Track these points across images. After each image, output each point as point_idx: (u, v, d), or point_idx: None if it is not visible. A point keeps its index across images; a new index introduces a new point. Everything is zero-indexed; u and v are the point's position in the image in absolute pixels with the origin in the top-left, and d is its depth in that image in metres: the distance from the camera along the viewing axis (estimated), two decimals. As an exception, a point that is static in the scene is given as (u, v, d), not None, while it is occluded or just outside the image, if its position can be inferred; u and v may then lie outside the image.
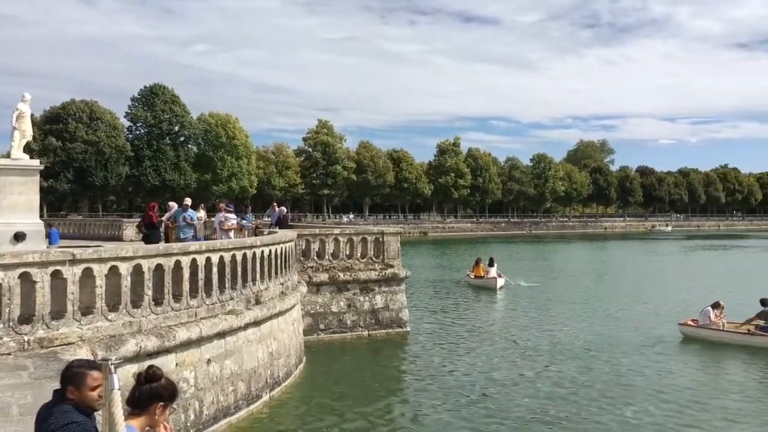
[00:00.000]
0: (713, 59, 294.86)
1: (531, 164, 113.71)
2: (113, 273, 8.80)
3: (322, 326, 18.02)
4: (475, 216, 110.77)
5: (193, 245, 11.17)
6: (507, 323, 21.19)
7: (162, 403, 3.48)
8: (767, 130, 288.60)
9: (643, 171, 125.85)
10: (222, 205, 17.78)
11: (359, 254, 19.30)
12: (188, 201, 16.90)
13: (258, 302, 12.30)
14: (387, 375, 14.79)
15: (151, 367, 3.58)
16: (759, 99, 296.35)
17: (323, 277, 18.17)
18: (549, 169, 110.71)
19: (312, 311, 17.92)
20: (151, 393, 3.46)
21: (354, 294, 18.55)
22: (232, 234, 16.57)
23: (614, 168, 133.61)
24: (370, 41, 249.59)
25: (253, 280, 12.29)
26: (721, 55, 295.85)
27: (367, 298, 18.68)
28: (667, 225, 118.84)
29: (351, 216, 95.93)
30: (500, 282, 29.95)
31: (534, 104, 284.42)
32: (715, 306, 18.28)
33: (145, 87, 77.97)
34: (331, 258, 18.79)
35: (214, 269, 10.73)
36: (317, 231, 19.60)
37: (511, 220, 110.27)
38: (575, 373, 14.50)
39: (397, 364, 15.90)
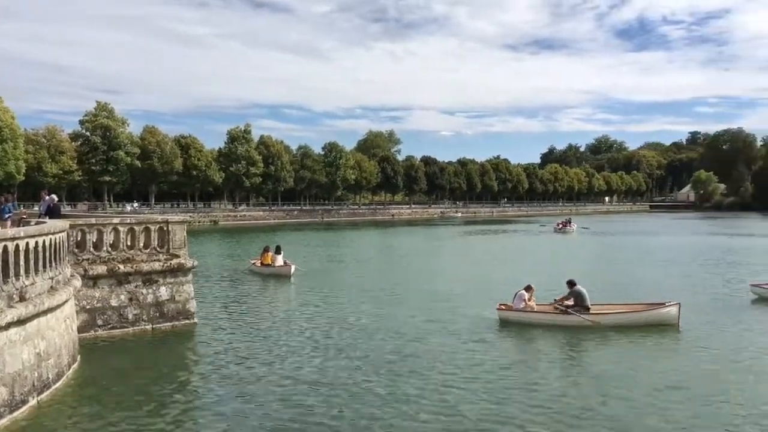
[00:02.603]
0: (487, 58, 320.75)
1: (323, 153, 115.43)
2: None
3: (100, 322, 16.87)
4: (268, 204, 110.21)
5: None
6: (299, 311, 21.24)
7: None
8: (533, 124, 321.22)
9: (427, 161, 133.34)
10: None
11: (142, 244, 18.34)
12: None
13: (22, 299, 11.19)
14: (171, 371, 14.07)
15: None
16: (525, 96, 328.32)
17: (101, 269, 16.99)
18: (340, 157, 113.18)
19: (89, 306, 16.70)
20: None
21: (136, 286, 17.58)
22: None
23: (401, 158, 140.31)
24: (157, 21, 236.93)
25: (16, 275, 11.16)
26: (493, 55, 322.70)
27: (150, 291, 17.81)
28: (456, 212, 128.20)
29: (135, 204, 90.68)
30: (292, 269, 30.12)
31: (326, 94, 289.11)
32: (528, 289, 19.41)
33: None
34: (110, 249, 17.64)
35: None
36: (94, 221, 18.24)
37: (304, 208, 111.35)
38: (380, 361, 14.74)
39: (182, 359, 15.28)
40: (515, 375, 13.58)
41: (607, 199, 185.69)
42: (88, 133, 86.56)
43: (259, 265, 31.74)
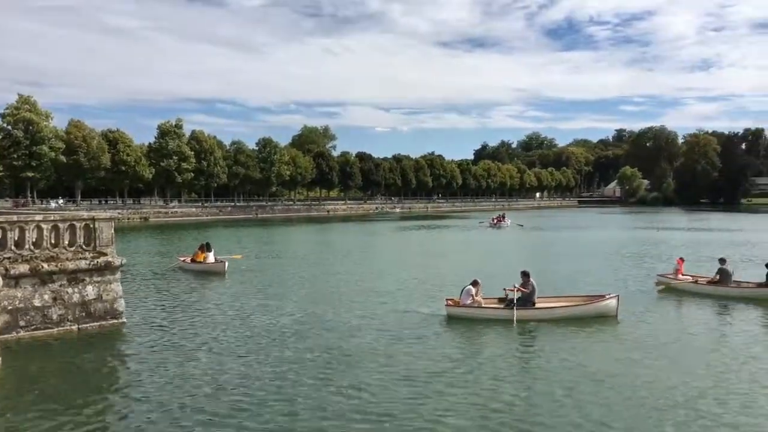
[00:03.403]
0: (421, 55, 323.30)
1: (257, 148, 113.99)
2: None
3: (22, 323, 16.20)
4: (201, 200, 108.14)
5: None
6: (232, 309, 20.85)
7: None
8: (465, 121, 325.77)
9: (362, 157, 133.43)
10: None
11: (67, 242, 17.69)
12: None
13: (-64, 300, 10.64)
14: (96, 372, 13.62)
15: None
16: (459, 93, 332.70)
17: (23, 268, 16.32)
18: (274, 153, 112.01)
19: (10, 307, 16.01)
20: None
21: (61, 285, 16.96)
22: None
23: (336, 153, 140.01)
24: (87, 12, 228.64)
25: (-71, 275, 10.61)
26: (428, 52, 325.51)
27: (76, 290, 17.21)
28: (394, 207, 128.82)
29: (60, 201, 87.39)
30: (225, 266, 29.66)
31: (260, 89, 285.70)
32: (474, 284, 19.42)
33: None
34: (32, 247, 16.95)
35: None
36: (15, 218, 17.49)
37: (238, 204, 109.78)
38: (317, 358, 14.58)
39: (109, 360, 14.75)
40: (460, 370, 13.65)
41: (537, 194, 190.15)
42: (9, 127, 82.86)
43: (189, 262, 31.14)
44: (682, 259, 26.67)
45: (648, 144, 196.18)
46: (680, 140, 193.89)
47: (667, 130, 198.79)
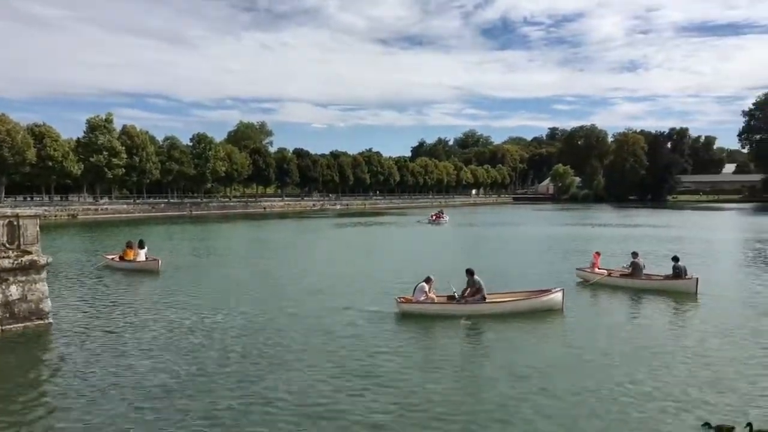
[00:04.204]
0: (359, 52, 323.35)
1: (191, 144, 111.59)
2: None
3: (-61, 326, 15.40)
4: (132, 197, 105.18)
5: None
6: (163, 308, 20.34)
7: None
8: (403, 118, 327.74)
9: (300, 153, 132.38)
10: None
11: (-12, 241, 16.90)
12: None
13: None
14: (19, 376, 13.10)
15: None
16: (396, 90, 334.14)
17: (-61, 268, 15.51)
18: (209, 149, 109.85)
19: (-75, 309, 15.19)
20: None
21: (-19, 286, 16.20)
22: None
23: (273, 150, 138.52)
24: (6, 0, 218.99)
25: None
26: (365, 48, 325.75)
27: (-2, 290, 16.46)
28: (335, 204, 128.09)
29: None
30: (159, 264, 28.93)
31: (194, 83, 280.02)
32: (427, 281, 19.47)
33: None
34: (-50, 246, 16.13)
35: None
36: (-69, 215, 16.59)
37: (171, 201, 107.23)
38: (259, 358, 14.34)
39: (33, 362, 14.23)
40: (409, 367, 13.69)
41: (474, 191, 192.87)
42: (-75, 120, 78.66)
43: (118, 260, 30.23)
44: (598, 253, 27.73)
45: (579, 142, 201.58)
46: (610, 139, 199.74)
47: (598, 129, 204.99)
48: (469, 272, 19.81)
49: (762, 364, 13.95)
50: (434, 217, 75.56)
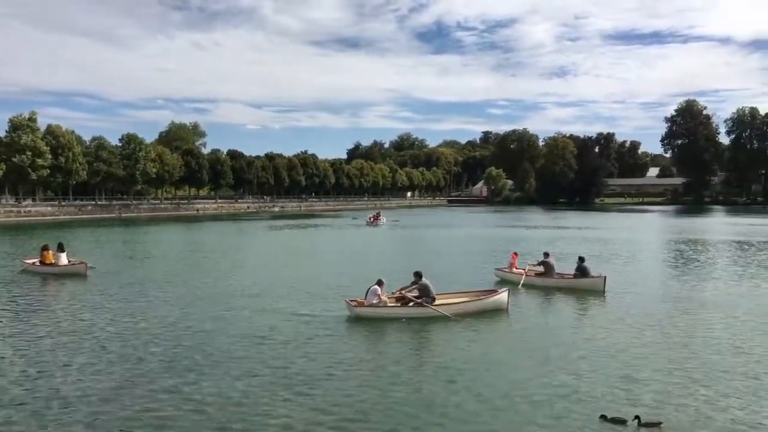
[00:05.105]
0: (294, 53, 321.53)
1: (120, 145, 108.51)
2: None
3: None
4: (58, 199, 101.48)
5: None
6: (91, 314, 19.61)
7: None
8: (338, 120, 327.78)
9: (234, 154, 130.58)
10: None
11: None
12: None
13: None
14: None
15: None
16: (332, 92, 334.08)
17: None
18: (140, 150, 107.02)
19: None
20: None
21: None
22: None
23: (206, 151, 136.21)
24: None
25: None
26: (300, 50, 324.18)
27: None
28: (274, 206, 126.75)
29: None
30: (87, 268, 28.06)
31: (124, 82, 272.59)
32: (379, 283, 19.27)
33: None
34: None
35: None
36: None
37: (99, 202, 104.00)
38: (189, 365, 14.01)
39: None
40: (359, 371, 13.61)
41: (409, 194, 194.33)
42: None
43: (39, 264, 29.14)
44: (516, 254, 28.82)
45: (512, 146, 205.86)
46: (541, 143, 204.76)
47: (529, 133, 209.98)
48: (418, 274, 19.80)
49: (659, 357, 14.65)
50: (372, 219, 76.01)
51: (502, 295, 20.16)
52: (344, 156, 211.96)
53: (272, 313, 19.52)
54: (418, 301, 19.21)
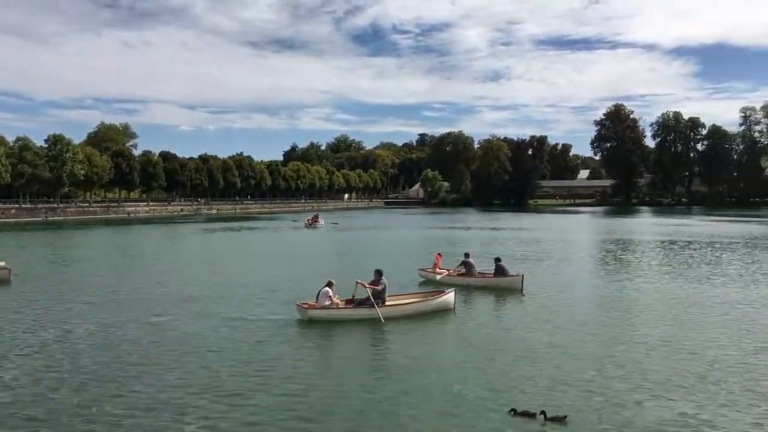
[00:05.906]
0: (228, 54, 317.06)
1: (46, 146, 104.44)
2: None
3: None
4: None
5: None
6: (17, 321, 18.77)
7: None
8: (274, 122, 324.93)
9: (166, 156, 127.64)
10: None
11: None
12: None
13: None
14: None
15: None
16: (267, 94, 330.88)
17: None
18: (67, 151, 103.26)
19: None
20: None
21: None
22: None
23: (137, 152, 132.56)
24: None
25: None
26: (234, 51, 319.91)
27: None
28: (204, 209, 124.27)
29: None
30: (10, 273, 26.82)
31: (50, 81, 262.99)
32: (330, 285, 18.92)
33: None
34: None
35: None
36: None
37: (23, 206, 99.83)
38: (125, 372, 13.59)
39: None
40: (313, 374, 13.48)
41: (346, 195, 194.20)
42: None
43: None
44: (440, 255, 29.35)
45: (448, 148, 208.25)
46: (476, 145, 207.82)
47: (465, 136, 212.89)
48: (378, 272, 19.73)
49: (571, 352, 15.06)
50: (310, 221, 75.63)
51: (449, 296, 20.50)
52: (281, 158, 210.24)
53: (210, 317, 18.95)
54: (371, 301, 18.94)
